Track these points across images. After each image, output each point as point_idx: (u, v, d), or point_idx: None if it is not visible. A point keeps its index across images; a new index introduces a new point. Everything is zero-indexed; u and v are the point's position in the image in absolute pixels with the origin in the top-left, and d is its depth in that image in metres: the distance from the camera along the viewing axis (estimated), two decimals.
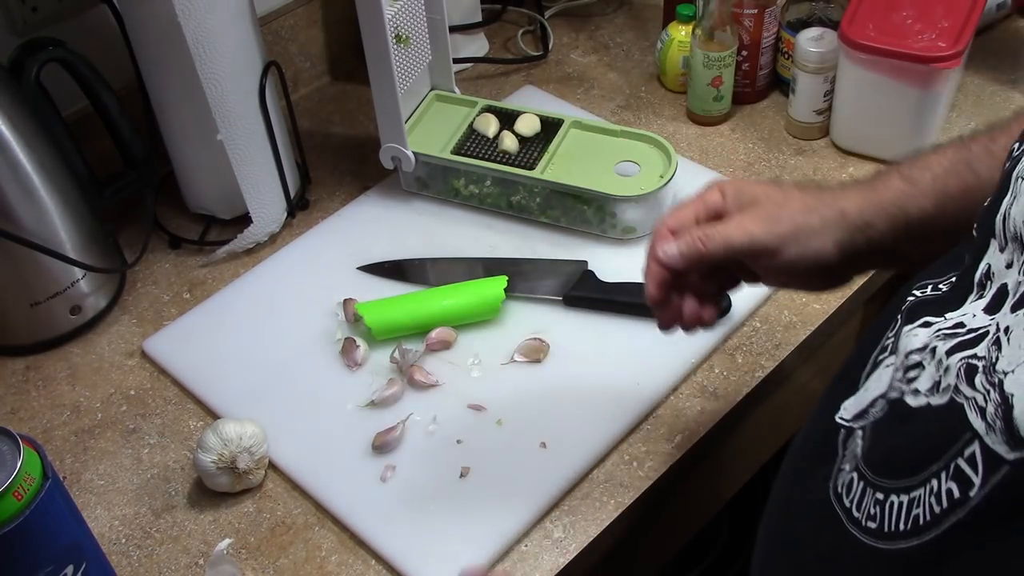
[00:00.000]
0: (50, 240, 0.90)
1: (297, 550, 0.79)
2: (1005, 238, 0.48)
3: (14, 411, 0.91)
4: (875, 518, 0.49)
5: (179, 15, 0.87)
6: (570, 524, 0.79)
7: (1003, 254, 0.48)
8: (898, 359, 0.52)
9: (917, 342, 0.51)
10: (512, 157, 1.02)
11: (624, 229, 0.99)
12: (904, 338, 0.52)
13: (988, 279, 0.49)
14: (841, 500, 0.52)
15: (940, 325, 0.50)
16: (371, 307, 0.92)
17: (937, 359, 0.48)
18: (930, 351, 0.49)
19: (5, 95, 0.87)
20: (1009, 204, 0.48)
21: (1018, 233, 0.47)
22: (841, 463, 0.54)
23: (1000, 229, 0.49)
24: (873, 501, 0.49)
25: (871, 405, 0.54)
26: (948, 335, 0.49)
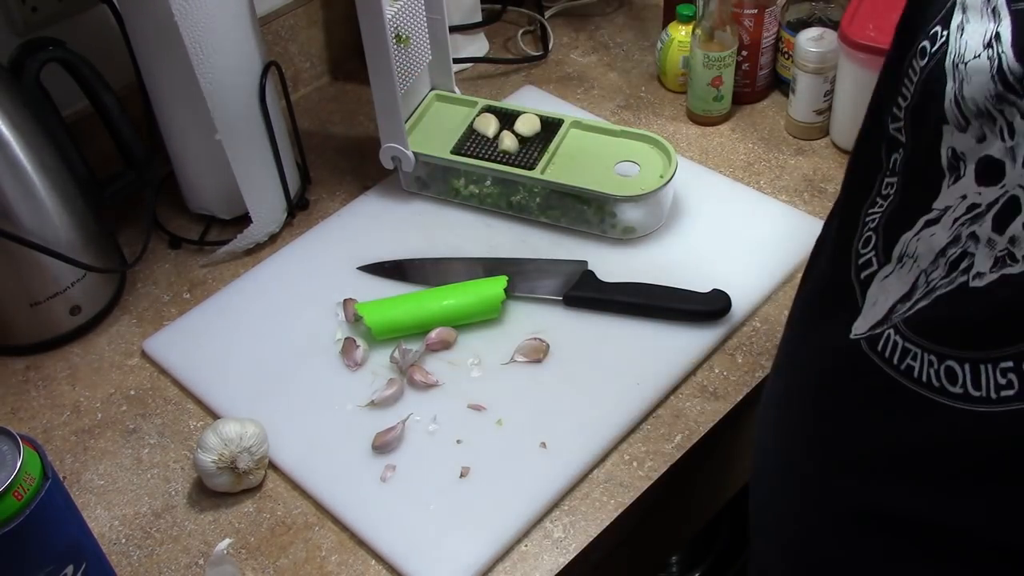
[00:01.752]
0: (50, 240, 0.90)
1: (297, 550, 0.79)
2: (964, 119, 0.52)
3: (14, 411, 0.91)
4: (1012, 384, 0.50)
5: (176, 15, 0.87)
6: (570, 524, 0.79)
7: (967, 133, 0.52)
8: (919, 263, 0.54)
9: (942, 239, 0.53)
10: (512, 157, 1.02)
11: (624, 229, 0.99)
12: (914, 243, 0.55)
13: (959, 159, 0.53)
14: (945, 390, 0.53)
15: (950, 216, 0.53)
16: (371, 307, 0.92)
17: (986, 240, 0.51)
18: (970, 238, 0.52)
19: (5, 95, 0.87)
20: (957, 89, 0.52)
21: (982, 109, 0.51)
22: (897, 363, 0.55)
23: (955, 114, 0.52)
24: (999, 372, 0.50)
25: (890, 311, 0.56)
26: (972, 219, 0.52)
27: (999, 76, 0.50)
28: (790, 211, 1.03)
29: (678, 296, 0.92)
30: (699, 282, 0.93)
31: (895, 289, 0.56)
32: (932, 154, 0.54)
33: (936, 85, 0.53)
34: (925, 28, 0.56)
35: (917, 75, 0.56)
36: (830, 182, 1.07)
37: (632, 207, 0.97)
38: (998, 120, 0.50)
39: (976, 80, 0.51)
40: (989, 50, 0.50)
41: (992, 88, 0.50)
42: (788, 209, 1.03)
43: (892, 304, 0.56)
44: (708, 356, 0.90)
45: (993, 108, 0.50)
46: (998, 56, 0.50)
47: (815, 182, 1.07)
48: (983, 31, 0.51)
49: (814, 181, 1.07)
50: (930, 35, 0.55)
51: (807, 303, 0.66)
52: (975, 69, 0.51)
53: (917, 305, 0.55)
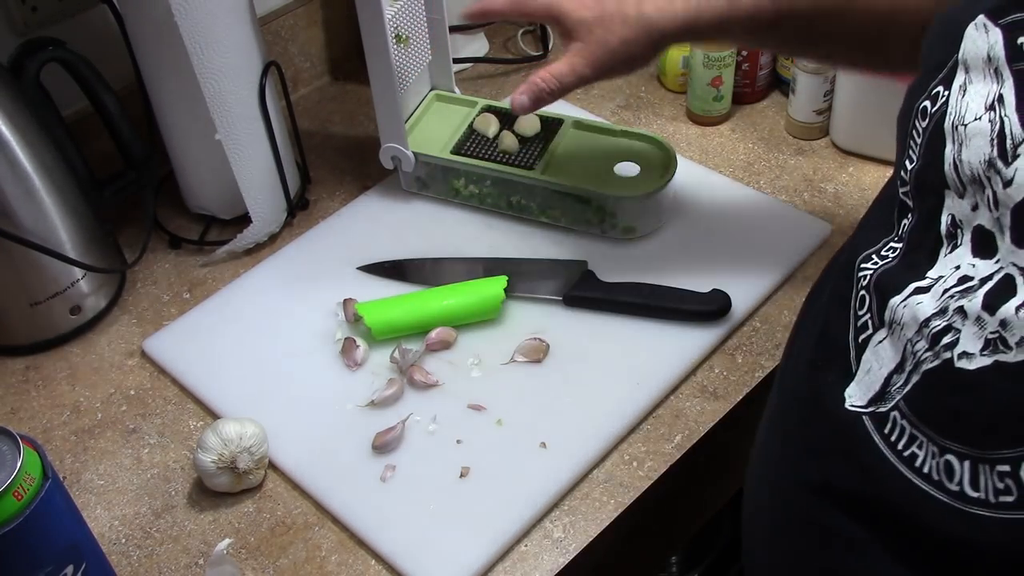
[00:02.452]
0: (50, 240, 0.90)
1: (297, 550, 0.79)
2: (962, 184, 0.50)
3: (14, 411, 0.91)
4: (1009, 491, 0.46)
5: (176, 15, 0.87)
6: (570, 524, 0.79)
7: (964, 200, 0.50)
8: (904, 332, 0.52)
9: (928, 309, 0.51)
10: (512, 157, 1.02)
11: (624, 229, 0.99)
12: (901, 310, 0.52)
13: (957, 227, 0.51)
14: (942, 485, 0.49)
15: (941, 286, 0.51)
16: (371, 307, 0.92)
17: (975, 318, 0.48)
18: (957, 312, 0.49)
19: (5, 95, 0.87)
20: (956, 153, 0.50)
21: (975, 174, 0.49)
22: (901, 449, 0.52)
23: (954, 178, 0.50)
24: (997, 475, 0.47)
25: (886, 384, 0.53)
26: (962, 292, 0.49)
27: (998, 140, 0.48)
28: (790, 211, 1.03)
29: (678, 296, 0.92)
30: (699, 282, 0.93)
31: (889, 357, 0.54)
32: (934, 220, 0.52)
33: (937, 148, 0.52)
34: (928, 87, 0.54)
35: (920, 137, 0.54)
36: (830, 182, 1.07)
37: (632, 207, 0.97)
38: (986, 188, 0.49)
39: (975, 143, 0.49)
40: (991, 112, 0.49)
41: (987, 152, 0.48)
42: (788, 209, 1.03)
43: (887, 374, 0.53)
44: (708, 356, 0.90)
45: (983, 175, 0.49)
46: (1000, 119, 0.48)
47: (815, 182, 1.07)
48: (985, 92, 0.49)
49: (814, 181, 1.07)
50: (932, 95, 0.53)
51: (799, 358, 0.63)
52: (975, 131, 0.49)
53: (911, 380, 0.52)
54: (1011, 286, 0.47)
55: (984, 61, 0.50)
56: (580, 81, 0.79)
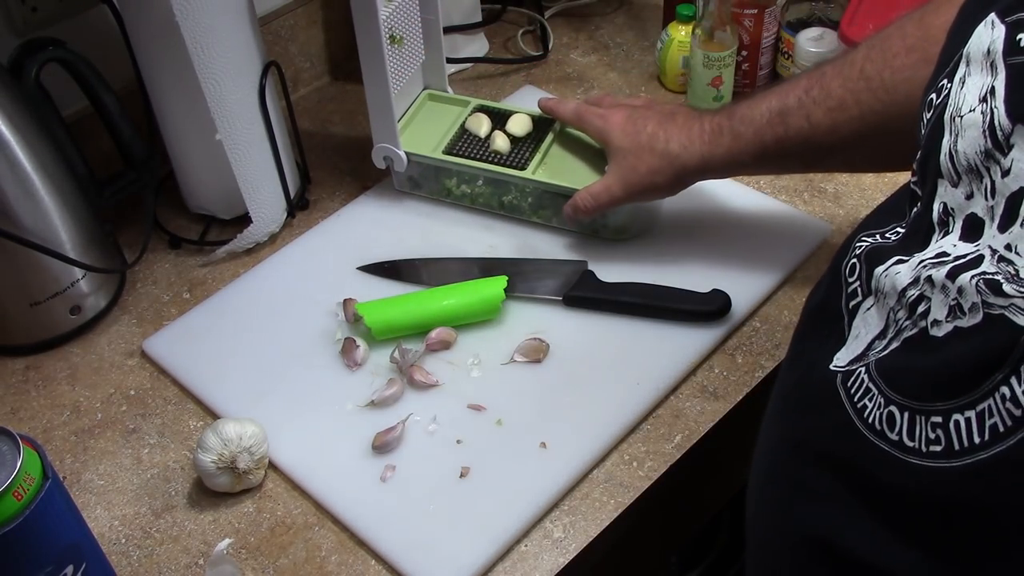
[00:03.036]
0: (50, 240, 0.90)
1: (297, 550, 0.79)
2: (957, 174, 0.52)
3: (14, 411, 0.91)
4: (939, 440, 0.49)
5: (177, 15, 0.87)
6: (570, 524, 0.79)
7: (958, 189, 0.52)
8: (887, 300, 0.55)
9: (904, 278, 0.53)
10: (503, 157, 1.02)
11: (615, 230, 0.99)
12: (883, 279, 0.55)
13: (948, 215, 0.53)
14: (884, 435, 0.53)
15: (918, 259, 0.53)
16: (371, 307, 0.92)
17: (940, 286, 0.51)
18: (927, 281, 0.52)
19: (5, 95, 0.87)
20: (952, 143, 0.52)
21: (972, 164, 0.51)
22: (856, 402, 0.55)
23: (948, 168, 0.52)
24: (930, 426, 0.50)
25: (868, 348, 0.56)
26: (936, 264, 0.52)
27: (989, 131, 0.49)
28: (790, 211, 1.03)
29: (678, 296, 0.92)
30: (699, 282, 0.93)
31: (874, 324, 0.56)
32: (929, 208, 0.55)
33: (936, 138, 0.54)
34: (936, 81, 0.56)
35: (924, 128, 0.56)
36: (830, 182, 1.07)
37: (622, 209, 0.97)
38: (984, 178, 0.50)
39: (969, 134, 0.51)
40: (983, 104, 0.50)
41: (982, 143, 0.50)
42: (788, 209, 1.03)
43: (871, 339, 0.56)
44: (708, 356, 0.90)
45: (981, 165, 0.50)
46: (991, 111, 0.50)
47: (815, 182, 1.07)
48: (980, 85, 0.51)
49: (814, 181, 1.07)
50: (937, 87, 0.55)
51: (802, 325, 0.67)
52: (969, 123, 0.51)
53: (891, 346, 0.54)
54: (978, 262, 0.49)
55: (983, 55, 0.51)
56: (612, 200, 0.92)
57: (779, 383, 0.67)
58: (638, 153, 0.90)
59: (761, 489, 0.66)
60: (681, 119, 0.89)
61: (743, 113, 0.85)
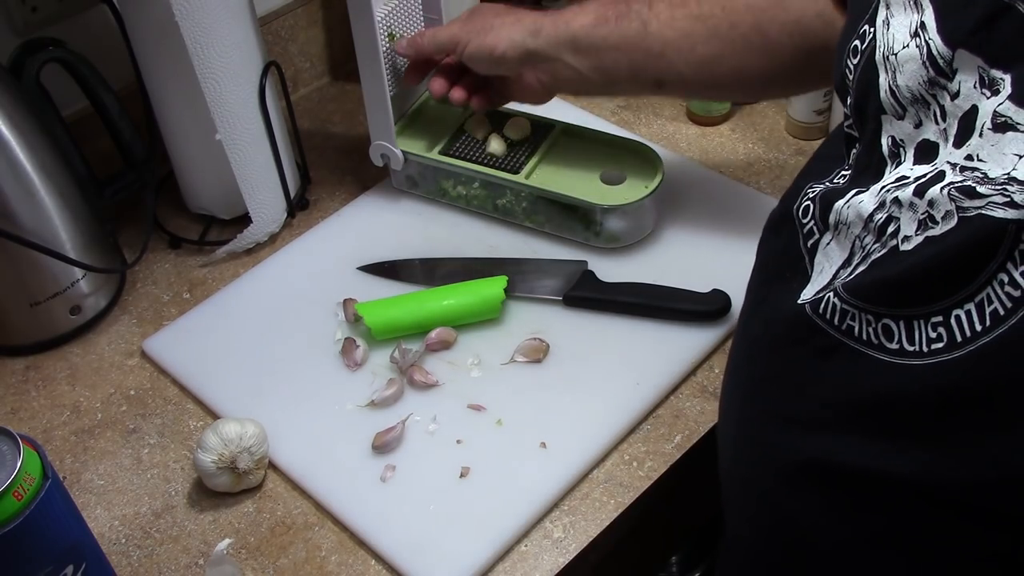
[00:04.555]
0: (50, 240, 0.90)
1: (297, 550, 0.79)
2: (901, 107, 0.55)
3: (14, 411, 0.91)
4: (940, 337, 0.52)
5: (177, 15, 0.87)
6: (570, 524, 0.79)
7: (904, 121, 0.55)
8: (851, 229, 0.57)
9: (869, 206, 0.55)
10: (498, 160, 1.02)
11: (608, 238, 0.99)
12: (845, 210, 0.57)
13: (899, 147, 0.56)
14: (882, 346, 0.54)
15: (880, 185, 0.55)
16: (371, 307, 0.92)
17: (908, 204, 0.53)
18: (893, 203, 0.54)
19: (5, 95, 0.87)
20: (891, 80, 0.55)
21: (916, 95, 0.53)
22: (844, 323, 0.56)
23: (891, 103, 0.55)
24: (931, 326, 0.52)
25: (833, 278, 0.58)
26: (898, 187, 0.54)
27: (930, 62, 0.52)
28: None
29: (678, 296, 0.92)
30: (699, 282, 0.93)
31: (836, 256, 0.58)
32: (875, 144, 0.57)
33: (870, 79, 0.56)
34: (856, 29, 0.58)
35: (853, 73, 0.58)
36: None
37: (616, 216, 0.97)
38: (931, 104, 0.53)
39: (908, 68, 0.53)
40: (916, 39, 0.53)
41: (924, 74, 0.52)
42: None
43: (835, 271, 0.58)
44: (708, 356, 0.90)
45: (927, 93, 0.53)
46: (926, 43, 0.52)
47: None
48: (908, 22, 0.54)
49: None
50: (859, 34, 0.58)
51: (761, 274, 0.68)
52: (905, 58, 0.54)
53: (857, 271, 0.56)
54: (940, 177, 0.52)
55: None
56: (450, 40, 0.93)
57: (742, 329, 0.69)
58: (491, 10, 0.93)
59: (736, 430, 0.68)
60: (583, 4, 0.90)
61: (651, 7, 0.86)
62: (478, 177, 1.02)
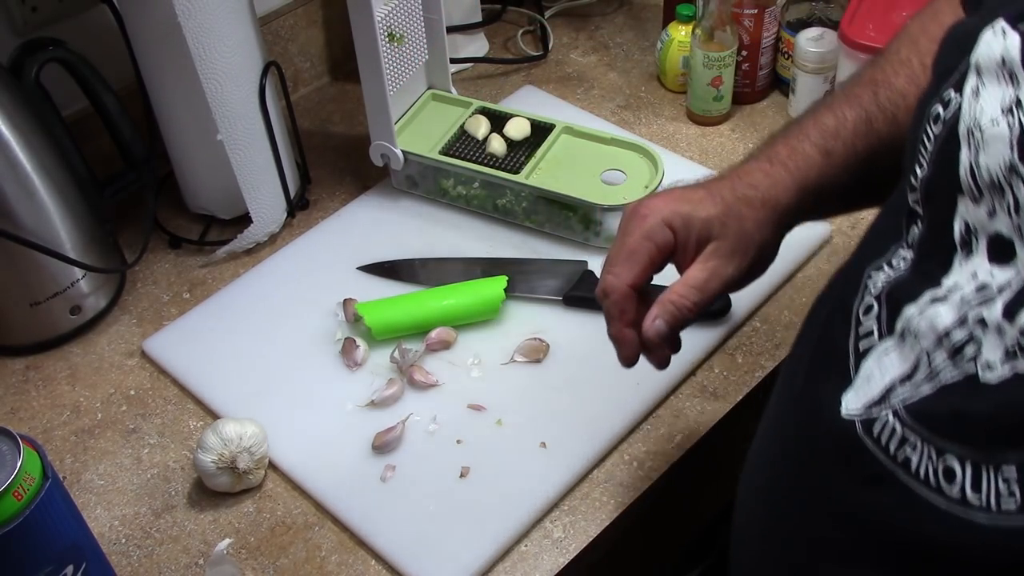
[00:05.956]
0: (50, 240, 0.90)
1: (297, 550, 0.79)
2: (979, 190, 0.49)
3: (14, 411, 0.91)
4: (1014, 495, 0.45)
5: (179, 15, 0.87)
6: (570, 524, 0.79)
7: (979, 206, 0.49)
8: (920, 342, 0.50)
9: (946, 319, 0.49)
10: (499, 160, 1.02)
11: (607, 238, 0.99)
12: (917, 320, 0.51)
13: (971, 234, 0.50)
14: (941, 489, 0.48)
15: (958, 295, 0.50)
16: (371, 307, 0.92)
17: (995, 327, 0.47)
18: (978, 323, 0.48)
19: (5, 95, 0.87)
20: (973, 157, 0.49)
21: (995, 179, 0.48)
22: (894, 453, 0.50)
23: (970, 184, 0.49)
24: (1002, 479, 0.46)
25: (888, 392, 0.52)
26: (981, 301, 0.48)
27: (1018, 144, 0.47)
28: None
29: None
30: None
31: (894, 367, 0.52)
32: (946, 227, 0.51)
33: (950, 154, 0.50)
34: (939, 92, 0.53)
35: (931, 143, 0.53)
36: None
37: (615, 216, 0.97)
38: (1007, 193, 0.48)
39: (994, 148, 0.48)
40: (1009, 116, 0.48)
41: (1008, 156, 0.47)
42: None
43: (890, 383, 0.52)
44: (708, 356, 0.90)
45: (1004, 179, 0.48)
46: (1019, 123, 0.47)
47: None
48: (1001, 96, 0.48)
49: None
50: (943, 100, 0.52)
51: (798, 364, 0.61)
52: (993, 136, 0.48)
53: (920, 391, 0.50)
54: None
55: (998, 64, 0.49)
56: (724, 285, 0.66)
57: (774, 421, 0.62)
58: (736, 212, 0.65)
59: (763, 547, 0.61)
60: (732, 171, 0.70)
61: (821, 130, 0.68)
62: (478, 177, 1.02)
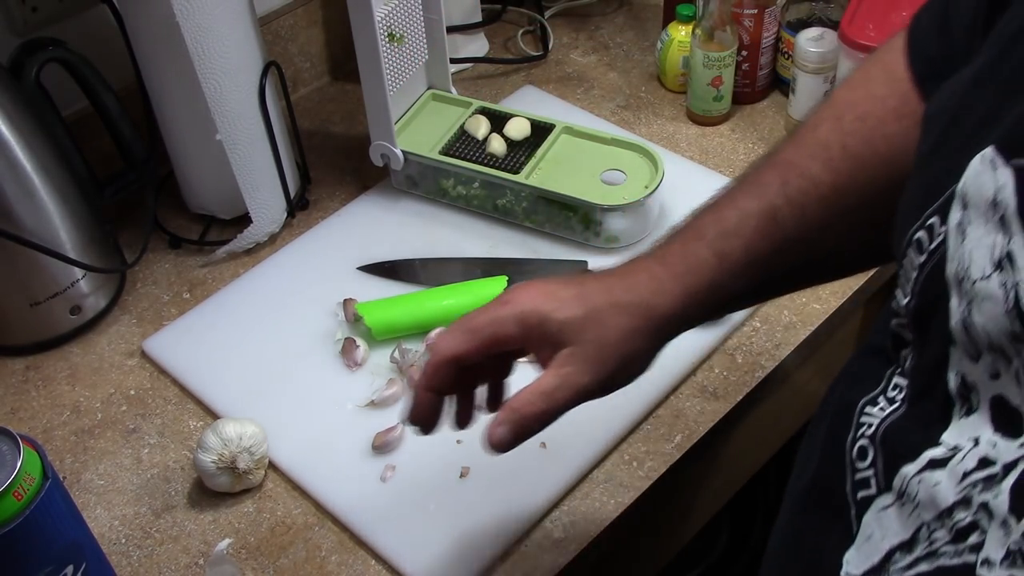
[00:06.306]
0: (50, 240, 0.90)
1: (297, 550, 0.79)
2: (976, 348, 0.43)
3: (14, 411, 0.91)
4: None
5: (178, 15, 0.87)
6: (570, 524, 0.79)
7: (978, 364, 0.43)
8: (921, 512, 0.46)
9: (948, 495, 0.44)
10: (499, 160, 1.02)
11: (607, 239, 0.99)
12: (915, 485, 0.46)
13: (969, 391, 0.44)
14: None
15: (960, 465, 0.44)
16: (371, 307, 0.92)
17: (1001, 520, 0.42)
18: (981, 508, 0.43)
19: (5, 95, 0.87)
20: (965, 312, 0.43)
21: (996, 344, 0.42)
22: None
23: (964, 339, 0.44)
24: None
25: (887, 558, 0.47)
26: (985, 480, 0.43)
27: (1016, 315, 0.41)
28: None
29: None
30: None
31: (894, 529, 0.47)
32: (940, 372, 0.46)
33: (938, 294, 0.45)
34: (923, 214, 0.46)
35: (916, 271, 0.47)
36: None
37: (616, 217, 0.97)
38: (1013, 361, 0.42)
39: (988, 309, 0.42)
40: (1001, 273, 0.41)
41: (1007, 325, 0.41)
42: None
43: (890, 548, 0.47)
44: (708, 356, 0.90)
45: (1008, 345, 0.42)
46: (1014, 288, 0.41)
47: None
48: (991, 244, 0.42)
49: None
50: (926, 225, 0.46)
51: (799, 501, 0.56)
52: (985, 294, 0.42)
53: (918, 566, 0.45)
54: None
55: (988, 204, 0.42)
56: (577, 395, 0.62)
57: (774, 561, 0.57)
58: (598, 318, 0.61)
59: None
60: (619, 268, 0.65)
61: (716, 228, 0.62)
62: (478, 177, 1.02)
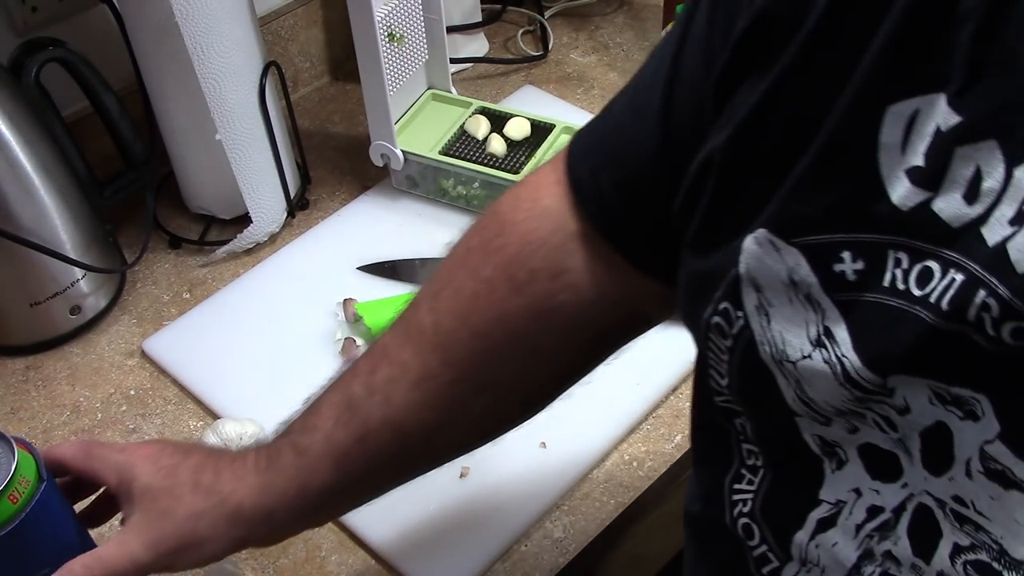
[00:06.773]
0: (50, 240, 0.90)
1: (297, 550, 0.79)
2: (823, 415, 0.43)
3: (14, 411, 0.91)
4: None
5: (177, 15, 0.87)
6: (570, 524, 0.79)
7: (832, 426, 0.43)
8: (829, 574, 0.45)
9: (849, 552, 0.44)
10: (499, 161, 1.02)
11: None
12: (813, 550, 0.45)
13: (833, 447, 0.44)
14: None
15: (849, 519, 0.44)
16: (371, 307, 0.92)
17: (910, 565, 0.42)
18: (886, 557, 0.43)
19: (5, 95, 0.87)
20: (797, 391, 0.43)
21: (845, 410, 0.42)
22: None
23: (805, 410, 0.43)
24: None
25: None
26: (879, 528, 0.43)
27: (848, 383, 0.40)
28: None
29: None
30: None
31: None
32: (792, 435, 0.44)
33: (760, 374, 0.44)
34: (711, 298, 0.45)
35: (726, 355, 0.46)
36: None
37: None
38: (868, 415, 0.41)
39: (821, 385, 0.41)
40: (822, 351, 0.41)
41: (847, 394, 0.41)
42: None
43: None
44: None
45: (855, 407, 0.41)
46: (839, 361, 0.40)
47: None
48: (801, 322, 0.41)
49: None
50: (720, 310, 0.45)
51: None
52: (811, 372, 0.41)
53: None
54: (931, 523, 0.41)
55: (786, 285, 0.41)
56: (134, 568, 0.60)
57: None
58: (175, 492, 0.61)
59: None
60: (233, 452, 0.66)
61: (301, 423, 0.64)
62: (478, 177, 1.01)
